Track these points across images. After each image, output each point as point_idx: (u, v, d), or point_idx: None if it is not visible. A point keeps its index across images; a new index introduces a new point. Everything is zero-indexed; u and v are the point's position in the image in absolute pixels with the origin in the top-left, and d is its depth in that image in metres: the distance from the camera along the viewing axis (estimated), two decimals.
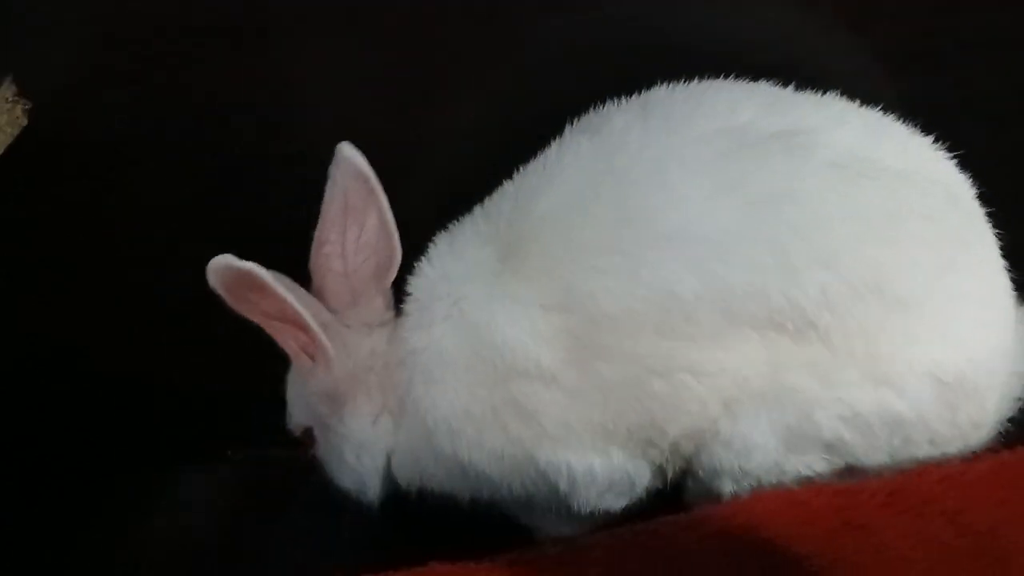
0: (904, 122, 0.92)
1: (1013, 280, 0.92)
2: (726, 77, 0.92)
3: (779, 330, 0.82)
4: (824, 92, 0.92)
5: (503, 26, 1.03)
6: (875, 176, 0.85)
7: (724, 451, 0.86)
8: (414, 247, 0.92)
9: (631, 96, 0.91)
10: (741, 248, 0.82)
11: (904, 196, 0.85)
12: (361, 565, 0.83)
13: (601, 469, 0.87)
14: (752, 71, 0.93)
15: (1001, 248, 0.91)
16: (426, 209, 0.93)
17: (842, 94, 0.92)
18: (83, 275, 1.08)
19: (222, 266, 0.82)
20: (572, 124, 0.92)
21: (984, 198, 0.92)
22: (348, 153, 0.87)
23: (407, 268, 0.91)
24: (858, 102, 0.92)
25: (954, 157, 0.92)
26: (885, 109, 0.92)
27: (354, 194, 0.87)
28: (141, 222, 1.08)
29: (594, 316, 0.83)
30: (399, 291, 0.92)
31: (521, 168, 0.92)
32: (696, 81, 0.92)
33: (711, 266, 0.82)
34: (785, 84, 0.92)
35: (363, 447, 0.91)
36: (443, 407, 0.87)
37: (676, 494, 0.93)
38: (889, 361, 0.83)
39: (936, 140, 0.92)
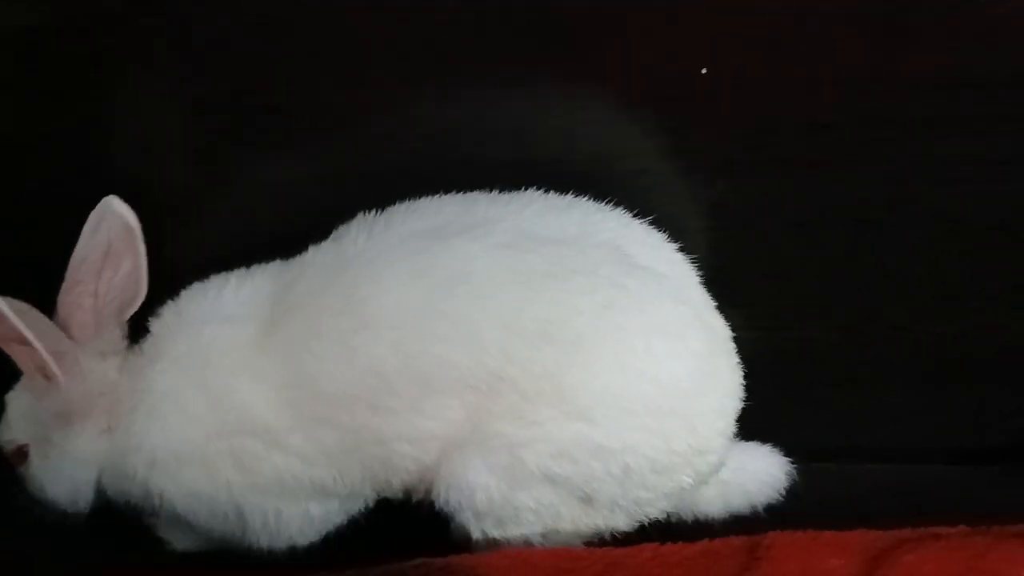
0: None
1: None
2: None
3: (474, 391, 0.92)
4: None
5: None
6: (537, 248, 0.95)
7: (449, 492, 0.94)
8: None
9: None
10: (429, 325, 0.92)
11: (562, 259, 0.95)
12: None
13: (293, 517, 0.97)
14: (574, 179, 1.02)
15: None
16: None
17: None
18: None
19: None
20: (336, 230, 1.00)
21: None
22: (117, 208, 0.95)
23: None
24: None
25: None
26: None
27: (117, 244, 0.96)
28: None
29: (316, 394, 0.94)
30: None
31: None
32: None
33: (407, 345, 0.92)
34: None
35: (82, 462, 0.99)
36: (154, 439, 0.96)
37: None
38: (575, 395, 0.91)
39: None
